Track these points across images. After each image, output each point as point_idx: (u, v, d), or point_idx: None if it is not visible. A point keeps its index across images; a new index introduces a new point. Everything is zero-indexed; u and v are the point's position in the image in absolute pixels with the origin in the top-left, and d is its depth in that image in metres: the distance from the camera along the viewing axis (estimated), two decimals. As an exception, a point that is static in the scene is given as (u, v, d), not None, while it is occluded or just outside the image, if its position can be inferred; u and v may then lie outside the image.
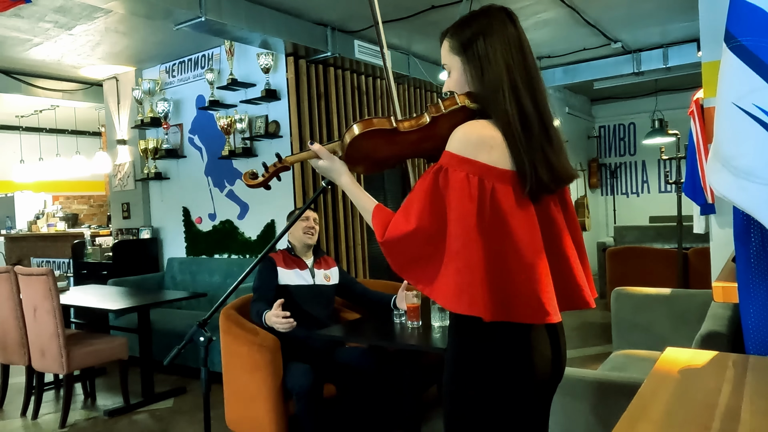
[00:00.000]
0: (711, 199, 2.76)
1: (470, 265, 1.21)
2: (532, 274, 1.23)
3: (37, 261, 7.32)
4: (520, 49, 1.31)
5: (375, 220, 1.36)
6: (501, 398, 1.28)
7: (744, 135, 1.10)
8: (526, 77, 1.29)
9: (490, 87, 1.29)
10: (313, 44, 4.59)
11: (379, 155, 1.43)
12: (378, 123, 1.37)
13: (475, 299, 1.21)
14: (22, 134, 9.04)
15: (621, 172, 9.56)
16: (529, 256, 1.23)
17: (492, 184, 1.23)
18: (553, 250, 1.29)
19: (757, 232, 1.30)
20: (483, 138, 1.26)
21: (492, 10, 1.34)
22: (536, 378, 1.29)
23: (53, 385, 4.34)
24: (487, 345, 1.28)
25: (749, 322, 1.31)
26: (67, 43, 4.87)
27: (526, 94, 1.28)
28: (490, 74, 1.29)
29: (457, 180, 1.23)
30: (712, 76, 2.55)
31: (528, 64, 1.31)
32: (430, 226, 1.25)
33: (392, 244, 1.29)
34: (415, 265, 1.30)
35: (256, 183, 1.57)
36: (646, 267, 5.36)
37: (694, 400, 1.02)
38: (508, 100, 1.27)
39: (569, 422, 1.93)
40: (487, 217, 1.22)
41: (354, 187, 1.44)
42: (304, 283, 3.09)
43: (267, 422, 2.79)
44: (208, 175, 5.36)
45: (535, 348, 1.29)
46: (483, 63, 1.30)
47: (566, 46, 5.86)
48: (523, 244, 1.23)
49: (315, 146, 1.46)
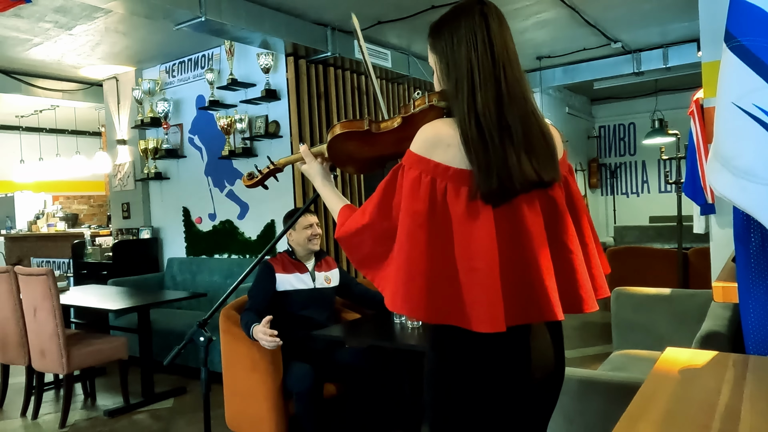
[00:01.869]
0: (711, 199, 2.76)
1: (410, 264, 1.19)
2: (476, 280, 1.17)
3: (37, 261, 7.32)
4: (488, 45, 1.24)
5: (338, 217, 1.38)
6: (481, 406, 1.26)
7: (744, 135, 1.10)
8: (491, 74, 1.23)
9: (452, 85, 1.26)
10: (313, 44, 4.59)
11: (362, 156, 1.46)
12: (352, 125, 1.40)
13: (411, 298, 1.19)
14: (22, 134, 9.04)
15: (621, 172, 9.56)
16: (476, 261, 1.17)
17: (445, 184, 1.20)
18: (518, 256, 1.21)
19: (757, 232, 1.30)
20: (440, 136, 1.23)
21: (466, 5, 1.29)
22: (513, 386, 1.25)
23: (53, 385, 4.34)
24: (464, 356, 1.25)
25: (749, 322, 1.31)
26: (67, 43, 4.87)
27: (486, 92, 1.22)
28: (455, 72, 1.26)
29: (409, 179, 1.22)
30: (712, 76, 2.55)
31: (495, 60, 1.24)
32: (382, 222, 1.26)
33: (346, 239, 1.32)
34: (369, 261, 1.31)
35: (251, 183, 1.72)
36: (646, 267, 5.35)
37: (694, 400, 1.02)
38: (465, 98, 1.23)
39: (569, 422, 1.93)
40: (438, 218, 1.20)
41: (324, 189, 1.50)
42: (304, 287, 3.06)
43: (267, 422, 2.79)
44: (208, 175, 5.36)
45: (512, 357, 1.24)
46: (449, 61, 1.27)
47: (566, 46, 5.86)
48: (471, 248, 1.18)
49: (302, 147, 1.54)
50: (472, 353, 1.24)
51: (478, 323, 1.17)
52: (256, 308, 2.89)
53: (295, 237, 3.10)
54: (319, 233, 3.12)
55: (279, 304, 2.99)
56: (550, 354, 1.33)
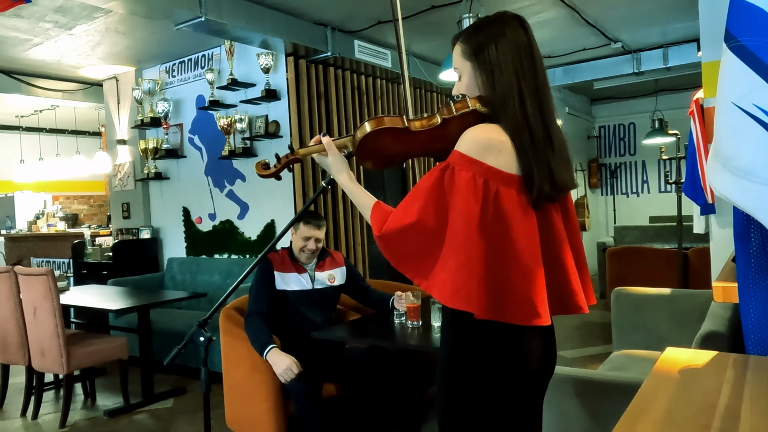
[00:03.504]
0: (711, 199, 2.76)
1: (469, 262, 1.24)
2: (527, 278, 1.26)
3: (37, 261, 7.32)
4: (531, 58, 1.33)
5: (374, 215, 1.38)
6: (493, 392, 1.32)
7: (744, 135, 1.10)
8: (534, 86, 1.32)
9: (500, 93, 1.32)
10: (313, 44, 4.59)
11: (389, 152, 1.46)
12: (390, 122, 1.40)
13: (471, 296, 1.24)
14: (22, 134, 9.04)
15: (621, 172, 9.56)
16: (526, 260, 1.26)
17: (497, 186, 1.26)
18: (551, 256, 1.32)
19: (757, 232, 1.30)
20: (492, 141, 1.28)
21: (505, 17, 1.36)
22: (527, 374, 1.34)
23: (53, 385, 4.34)
24: (481, 341, 1.32)
25: (749, 322, 1.31)
26: (67, 43, 4.87)
27: (533, 103, 1.31)
28: (501, 81, 1.32)
29: (463, 179, 1.26)
30: (712, 76, 2.56)
31: (537, 73, 1.33)
32: (431, 220, 1.28)
33: (390, 237, 1.32)
34: (412, 259, 1.33)
35: (267, 173, 1.62)
36: (646, 267, 5.36)
37: (694, 400, 1.02)
38: (516, 107, 1.30)
39: (569, 422, 1.93)
40: (489, 218, 1.25)
41: (353, 185, 1.48)
42: (301, 288, 3.02)
43: (267, 422, 2.79)
44: (208, 175, 5.36)
45: (526, 345, 1.32)
46: (494, 69, 1.33)
47: (566, 46, 5.86)
48: (521, 247, 1.26)
49: (325, 140, 1.50)
50: (493, 342, 1.31)
51: (531, 317, 1.26)
52: (260, 311, 2.87)
53: (293, 240, 3.06)
54: (313, 250, 3.02)
55: (277, 303, 2.98)
56: (554, 344, 1.45)
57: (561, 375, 1.94)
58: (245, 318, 2.88)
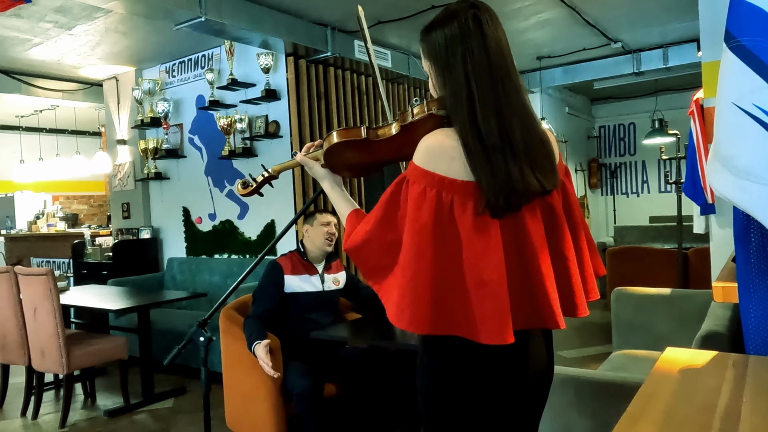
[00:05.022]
0: (711, 199, 2.77)
1: (416, 279, 1.17)
2: (486, 293, 1.16)
3: (37, 261, 7.32)
4: (483, 52, 1.20)
5: (346, 227, 1.37)
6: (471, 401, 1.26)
7: (744, 135, 1.10)
8: (489, 84, 1.19)
9: (450, 94, 1.23)
10: (313, 44, 4.59)
11: (359, 162, 1.45)
12: (349, 134, 1.38)
13: (417, 315, 1.18)
14: (22, 134, 9.04)
15: (621, 172, 9.56)
16: (485, 274, 1.16)
17: (451, 197, 1.18)
18: (521, 266, 1.21)
19: (757, 232, 1.30)
20: (444, 149, 1.20)
21: (460, 9, 1.24)
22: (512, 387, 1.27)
23: (53, 385, 4.34)
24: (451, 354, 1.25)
25: (749, 322, 1.31)
26: (67, 43, 4.87)
27: (484, 103, 1.19)
28: (452, 81, 1.22)
29: (414, 193, 1.20)
30: (712, 76, 2.55)
31: (492, 69, 1.20)
32: (385, 234, 1.24)
33: (353, 251, 1.30)
34: (376, 274, 1.28)
35: (247, 192, 1.69)
36: (646, 267, 5.35)
37: (694, 400, 1.02)
38: (465, 110, 1.19)
39: (569, 422, 1.93)
40: (444, 231, 1.18)
41: (333, 192, 1.47)
42: (312, 290, 3.01)
43: (267, 422, 2.79)
44: (208, 175, 5.36)
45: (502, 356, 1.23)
46: (444, 69, 1.24)
47: (566, 46, 5.86)
48: (480, 261, 1.16)
49: (298, 157, 1.51)
50: (471, 360, 1.24)
51: (487, 336, 1.16)
52: (261, 315, 2.86)
53: (311, 234, 3.02)
54: (335, 233, 3.03)
55: (285, 306, 2.97)
56: (543, 354, 1.34)
57: (561, 375, 1.94)
58: (245, 320, 2.89)
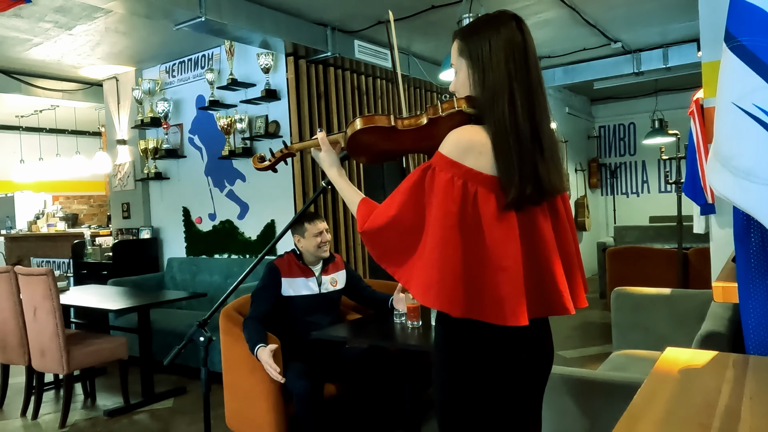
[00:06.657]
0: (711, 199, 2.76)
1: (445, 262, 1.25)
2: (504, 278, 1.26)
3: (37, 261, 7.32)
4: (525, 59, 1.32)
5: (359, 211, 1.42)
6: (487, 390, 1.33)
7: (744, 135, 1.10)
8: (526, 88, 1.31)
9: (489, 93, 1.31)
10: (313, 44, 4.59)
11: (379, 148, 1.50)
12: (378, 120, 1.43)
13: (444, 295, 1.25)
14: (22, 134, 9.04)
15: (621, 172, 9.56)
16: (503, 261, 1.26)
17: (475, 188, 1.27)
18: (534, 258, 1.31)
19: (757, 232, 1.30)
20: (473, 143, 1.29)
21: (503, 16, 1.36)
22: (519, 372, 1.34)
23: (53, 385, 4.34)
24: (470, 340, 1.33)
25: (749, 322, 1.31)
26: (67, 43, 4.87)
27: (523, 105, 1.29)
28: (491, 81, 1.31)
29: (442, 181, 1.28)
30: (712, 76, 2.55)
31: (531, 75, 1.32)
32: (410, 218, 1.31)
33: (372, 233, 1.36)
34: (392, 255, 1.35)
35: (263, 166, 1.71)
36: (646, 267, 5.35)
37: (694, 400, 1.02)
38: (503, 108, 1.29)
39: (569, 422, 1.93)
40: (468, 219, 1.26)
41: (342, 180, 1.52)
42: (309, 293, 3.01)
43: (267, 422, 2.79)
44: (208, 175, 5.36)
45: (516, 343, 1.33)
46: (486, 69, 1.32)
47: (566, 46, 5.86)
48: (499, 248, 1.26)
49: (320, 134, 1.56)
50: (491, 344, 1.32)
51: (506, 317, 1.27)
52: (260, 317, 2.86)
53: (304, 244, 3.03)
54: (328, 239, 3.05)
55: (283, 309, 2.98)
56: (550, 342, 1.46)
57: (561, 375, 1.94)
58: (244, 321, 2.89)
